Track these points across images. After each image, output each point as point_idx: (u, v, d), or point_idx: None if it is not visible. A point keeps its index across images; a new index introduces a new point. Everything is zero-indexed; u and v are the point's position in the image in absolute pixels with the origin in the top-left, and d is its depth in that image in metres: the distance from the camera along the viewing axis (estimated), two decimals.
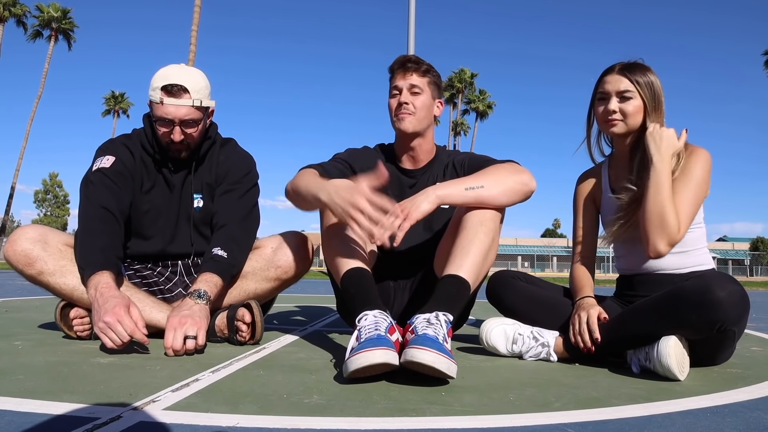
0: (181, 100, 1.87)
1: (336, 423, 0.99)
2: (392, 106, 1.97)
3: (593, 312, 1.62)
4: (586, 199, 1.96)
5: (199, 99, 1.91)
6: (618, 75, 1.73)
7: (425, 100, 1.96)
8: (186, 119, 1.89)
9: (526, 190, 1.74)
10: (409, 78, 1.95)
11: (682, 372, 1.43)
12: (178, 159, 2.00)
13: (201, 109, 1.93)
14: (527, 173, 1.75)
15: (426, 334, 1.34)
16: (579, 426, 1.00)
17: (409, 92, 1.94)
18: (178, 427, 0.94)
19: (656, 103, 1.72)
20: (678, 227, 1.61)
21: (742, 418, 1.08)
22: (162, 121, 1.89)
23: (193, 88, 1.89)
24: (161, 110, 1.88)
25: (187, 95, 1.88)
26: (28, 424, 0.94)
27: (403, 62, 1.97)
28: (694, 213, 1.66)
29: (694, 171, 1.67)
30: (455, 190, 1.66)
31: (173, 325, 1.63)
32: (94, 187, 1.90)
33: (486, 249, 1.64)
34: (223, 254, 1.88)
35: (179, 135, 1.90)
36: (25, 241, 1.85)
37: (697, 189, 1.66)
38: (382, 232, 1.50)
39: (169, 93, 1.86)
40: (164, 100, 1.86)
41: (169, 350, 1.60)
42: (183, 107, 1.88)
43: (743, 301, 1.40)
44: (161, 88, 1.86)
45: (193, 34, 17.59)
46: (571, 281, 1.88)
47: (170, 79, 1.87)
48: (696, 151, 1.70)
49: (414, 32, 8.09)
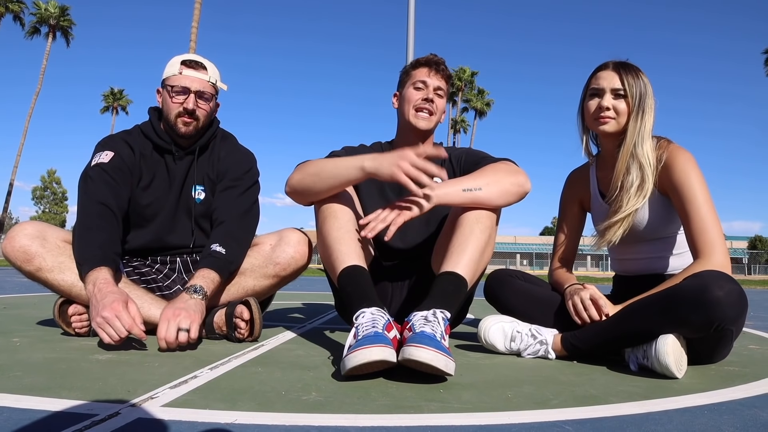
0: (199, 73, 2.00)
1: (334, 420, 0.99)
2: (414, 98, 1.97)
3: (592, 289, 1.63)
4: (573, 201, 1.97)
5: (215, 78, 2.05)
6: (613, 71, 1.72)
7: (443, 105, 2.02)
8: (201, 90, 2.00)
9: (521, 192, 1.74)
10: (437, 79, 1.98)
11: (680, 370, 1.43)
12: (183, 138, 2.02)
13: (215, 87, 2.05)
14: (523, 174, 1.75)
15: (424, 332, 1.34)
16: (577, 423, 1.00)
17: (435, 92, 1.97)
18: (177, 424, 0.94)
19: (640, 108, 1.68)
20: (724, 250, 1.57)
21: (739, 416, 1.08)
22: (178, 89, 1.98)
23: (210, 69, 2.04)
24: (179, 80, 1.98)
25: (204, 71, 2.02)
26: (26, 420, 0.94)
27: (436, 61, 2.00)
28: (718, 220, 1.61)
29: (692, 185, 1.63)
30: (453, 191, 1.66)
31: (167, 316, 1.63)
32: (93, 183, 1.90)
33: (483, 246, 1.64)
34: (222, 250, 1.88)
35: (193, 104, 1.98)
36: (24, 237, 1.85)
37: (706, 200, 1.62)
38: (376, 224, 1.60)
39: (189, 66, 2.00)
40: (183, 72, 1.99)
41: (162, 341, 1.60)
42: (200, 80, 2.00)
43: (741, 300, 1.40)
44: (181, 62, 2.00)
45: (194, 30, 17.59)
46: (553, 278, 1.89)
47: (190, 57, 2.03)
48: (678, 160, 1.65)
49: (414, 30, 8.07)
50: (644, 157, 1.67)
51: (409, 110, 1.97)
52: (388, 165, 1.60)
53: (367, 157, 1.65)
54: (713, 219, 1.60)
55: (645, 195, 1.68)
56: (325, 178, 1.72)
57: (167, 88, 1.99)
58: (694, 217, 1.61)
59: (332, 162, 1.73)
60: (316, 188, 1.74)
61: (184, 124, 1.99)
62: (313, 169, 1.75)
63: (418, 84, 1.97)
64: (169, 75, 1.99)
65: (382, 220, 1.62)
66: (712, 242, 1.58)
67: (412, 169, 1.57)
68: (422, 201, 1.63)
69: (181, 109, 1.97)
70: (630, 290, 1.74)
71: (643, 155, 1.67)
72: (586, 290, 1.64)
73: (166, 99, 2.00)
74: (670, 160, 1.67)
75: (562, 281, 1.81)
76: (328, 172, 1.72)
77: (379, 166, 1.62)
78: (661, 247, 1.79)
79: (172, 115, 1.99)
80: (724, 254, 1.57)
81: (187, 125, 2.00)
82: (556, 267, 1.92)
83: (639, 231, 1.75)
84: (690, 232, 1.62)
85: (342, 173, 1.69)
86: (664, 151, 1.68)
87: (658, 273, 1.79)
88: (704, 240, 1.59)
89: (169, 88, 1.99)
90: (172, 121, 2.00)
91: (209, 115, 2.06)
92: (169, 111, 2.00)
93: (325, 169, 1.73)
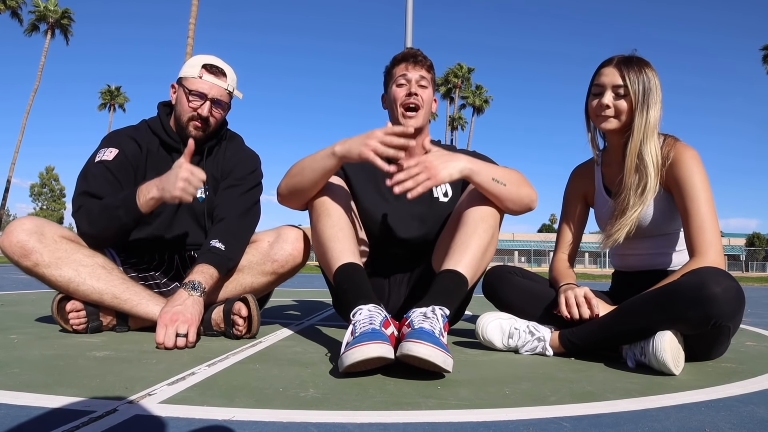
0: (218, 81, 2.00)
1: (332, 416, 0.99)
2: (399, 95, 1.94)
3: (586, 289, 1.63)
4: (577, 196, 1.96)
5: (233, 87, 2.05)
6: (615, 68, 1.70)
7: (430, 95, 1.99)
8: (218, 99, 2.00)
9: (530, 206, 1.78)
10: (419, 70, 1.96)
11: (677, 366, 1.44)
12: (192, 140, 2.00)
13: (231, 96, 2.06)
14: (536, 192, 1.79)
15: (422, 328, 1.34)
16: (574, 420, 1.00)
17: (418, 84, 1.95)
18: (174, 421, 0.94)
19: (644, 103, 1.66)
20: (720, 250, 1.58)
21: (736, 412, 1.08)
22: (196, 93, 1.97)
23: (229, 76, 2.04)
24: (198, 84, 1.97)
25: (224, 78, 2.02)
26: (23, 417, 0.93)
27: (414, 54, 1.98)
28: (717, 220, 1.62)
29: (695, 184, 1.63)
30: (484, 173, 1.67)
31: (164, 321, 1.64)
32: (95, 179, 1.91)
33: (485, 245, 1.64)
34: (221, 246, 1.88)
35: (207, 111, 1.99)
36: (21, 233, 1.84)
37: (708, 199, 1.62)
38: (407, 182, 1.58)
39: (209, 71, 1.99)
40: (204, 76, 1.98)
41: (161, 346, 1.61)
42: (218, 87, 2.00)
43: (738, 296, 1.40)
44: (202, 65, 1.99)
45: (191, 27, 17.53)
46: (552, 273, 1.88)
47: (212, 61, 2.02)
48: (683, 157, 1.66)
49: (411, 27, 8.07)
50: (650, 156, 1.66)
51: (397, 110, 1.95)
52: (357, 146, 1.62)
53: (338, 143, 1.68)
54: (712, 219, 1.61)
55: (651, 195, 1.68)
56: (306, 174, 1.74)
57: (184, 89, 1.99)
58: (694, 216, 1.61)
59: (309, 157, 1.76)
60: (300, 186, 1.76)
61: (195, 128, 2.00)
62: (295, 170, 1.78)
63: (400, 80, 1.95)
64: (187, 75, 1.98)
65: (413, 178, 1.60)
66: (710, 242, 1.58)
67: (381, 146, 1.58)
68: (452, 169, 1.63)
69: (195, 113, 1.98)
70: (630, 286, 1.74)
71: (649, 154, 1.66)
72: (580, 289, 1.65)
73: (181, 98, 1.99)
74: (676, 157, 1.67)
75: (559, 278, 1.81)
76: (307, 167, 1.75)
77: (348, 148, 1.64)
78: (664, 244, 1.79)
79: (185, 117, 1.99)
80: (720, 254, 1.58)
81: (198, 129, 2.01)
82: (557, 262, 1.91)
83: (642, 227, 1.75)
84: (688, 229, 1.62)
85: (319, 164, 1.71)
86: (671, 149, 1.68)
87: (659, 269, 1.79)
88: (702, 239, 1.59)
89: (186, 89, 1.98)
90: (183, 123, 2.00)
91: (219, 122, 2.06)
92: (182, 112, 2.00)
93: (303, 165, 1.76)
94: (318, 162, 1.72)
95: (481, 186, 1.69)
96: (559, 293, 1.70)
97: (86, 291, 1.83)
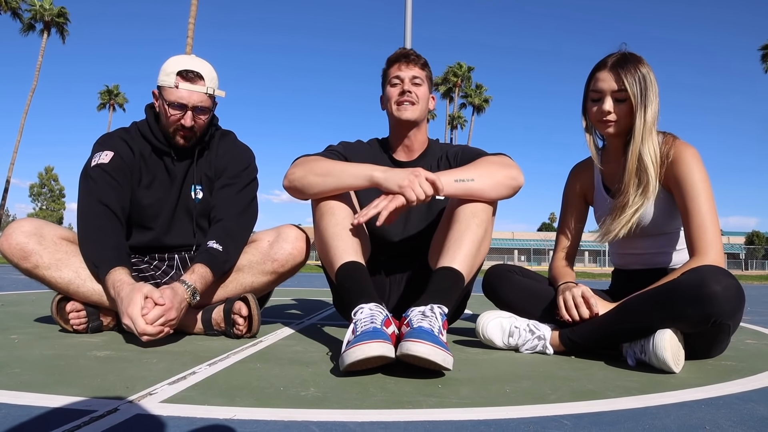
0: (196, 86, 1.91)
1: (332, 415, 0.99)
2: (393, 95, 1.98)
3: (584, 287, 1.63)
4: (576, 195, 1.96)
5: (212, 88, 1.96)
6: (611, 73, 1.68)
7: (425, 92, 2.02)
8: (199, 105, 1.92)
9: (514, 185, 1.74)
10: (412, 69, 1.99)
11: (677, 365, 1.44)
12: (181, 148, 2.00)
13: (212, 97, 1.98)
14: (516, 168, 1.75)
15: (421, 327, 1.34)
16: (575, 418, 1.00)
17: (411, 83, 1.97)
18: (175, 420, 0.94)
19: (643, 102, 1.65)
20: (720, 249, 1.58)
21: (736, 410, 1.09)
22: (175, 105, 1.90)
23: (207, 77, 1.94)
24: (175, 94, 1.90)
25: (201, 82, 1.92)
26: (24, 417, 0.94)
27: (406, 54, 2.01)
28: (717, 219, 1.62)
29: (695, 183, 1.62)
30: (445, 180, 1.66)
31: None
32: (95, 184, 1.89)
33: (479, 240, 1.64)
34: (218, 248, 1.87)
35: (191, 120, 1.92)
36: (21, 235, 1.84)
37: (708, 198, 1.62)
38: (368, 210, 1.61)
39: (185, 78, 1.90)
40: (180, 85, 1.89)
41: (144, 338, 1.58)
42: (197, 93, 1.91)
43: (738, 295, 1.40)
44: (177, 73, 1.90)
45: (191, 26, 17.50)
46: (552, 272, 1.88)
47: (186, 66, 1.92)
48: (683, 156, 1.65)
49: (411, 26, 8.07)
50: (650, 156, 1.66)
51: (392, 107, 1.99)
52: (399, 180, 1.62)
53: (377, 169, 1.68)
54: (713, 218, 1.61)
55: (651, 194, 1.68)
56: (330, 181, 1.72)
57: (164, 100, 1.92)
58: (694, 215, 1.61)
59: (339, 166, 1.74)
60: (318, 188, 1.74)
61: (182, 138, 1.97)
62: (320, 170, 1.75)
63: (394, 81, 1.99)
64: (164, 85, 1.91)
65: (374, 206, 1.63)
66: (710, 241, 1.58)
67: (419, 189, 1.59)
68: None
69: (179, 124, 1.93)
70: (630, 285, 1.74)
71: (648, 155, 1.66)
72: (578, 288, 1.64)
73: (163, 109, 1.94)
74: (676, 156, 1.66)
75: (559, 277, 1.81)
76: (335, 175, 1.72)
77: (387, 178, 1.64)
78: (664, 243, 1.79)
79: (170, 129, 1.95)
80: (720, 253, 1.58)
81: (186, 138, 1.97)
82: (557, 261, 1.91)
83: (643, 226, 1.75)
84: (689, 228, 1.62)
85: (348, 180, 1.71)
86: (671, 147, 1.68)
87: (659, 267, 1.79)
88: (702, 238, 1.59)
89: (165, 101, 1.92)
90: (169, 133, 1.97)
91: (206, 123, 2.01)
92: (166, 123, 1.95)
93: (332, 172, 1.73)
94: (348, 177, 1.70)
95: (450, 194, 1.68)
96: (557, 293, 1.70)
97: (86, 293, 1.83)
